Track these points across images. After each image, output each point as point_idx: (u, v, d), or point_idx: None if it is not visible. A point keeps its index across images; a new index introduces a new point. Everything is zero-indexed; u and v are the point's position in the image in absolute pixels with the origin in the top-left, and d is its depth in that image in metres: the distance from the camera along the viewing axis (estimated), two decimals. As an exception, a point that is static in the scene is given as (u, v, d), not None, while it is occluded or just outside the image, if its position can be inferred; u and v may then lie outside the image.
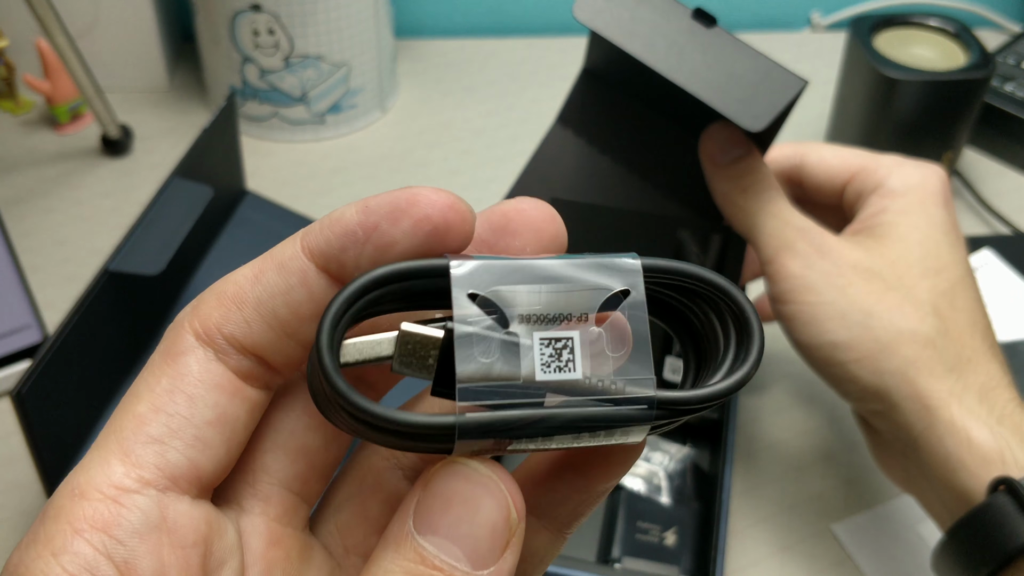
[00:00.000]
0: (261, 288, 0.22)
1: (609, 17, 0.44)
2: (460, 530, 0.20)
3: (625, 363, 0.20)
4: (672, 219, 0.53)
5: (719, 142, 0.48)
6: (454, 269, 0.20)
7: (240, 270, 0.23)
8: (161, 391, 0.21)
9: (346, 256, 0.21)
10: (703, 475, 0.54)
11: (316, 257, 0.22)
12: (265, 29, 0.76)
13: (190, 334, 0.22)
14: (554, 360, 0.20)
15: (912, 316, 0.43)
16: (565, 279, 0.20)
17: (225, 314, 0.22)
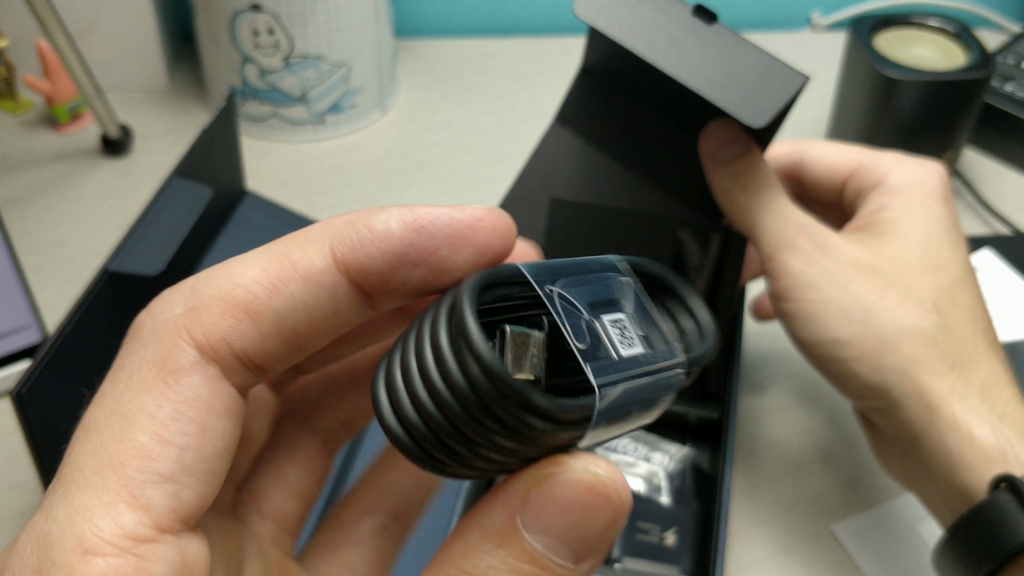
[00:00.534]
0: (281, 301, 0.19)
1: (609, 14, 0.44)
2: (574, 533, 0.19)
3: (651, 335, 0.22)
4: (672, 218, 0.53)
5: (719, 139, 0.48)
6: (527, 271, 0.20)
7: (243, 269, 0.20)
8: (166, 418, 0.18)
9: (394, 276, 0.20)
10: (703, 475, 0.54)
11: (352, 272, 0.20)
12: (265, 29, 0.76)
13: (191, 346, 0.19)
14: (622, 338, 0.21)
15: (913, 313, 0.43)
16: (586, 269, 0.21)
17: (236, 327, 0.19)
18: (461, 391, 0.18)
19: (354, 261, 0.20)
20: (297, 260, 0.20)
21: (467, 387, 0.18)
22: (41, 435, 0.47)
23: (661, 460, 0.54)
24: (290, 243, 0.20)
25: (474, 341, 0.18)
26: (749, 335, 0.63)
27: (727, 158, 0.47)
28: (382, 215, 0.20)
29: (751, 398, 0.60)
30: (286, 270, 0.20)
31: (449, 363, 0.18)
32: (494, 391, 0.18)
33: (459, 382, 0.18)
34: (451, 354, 0.18)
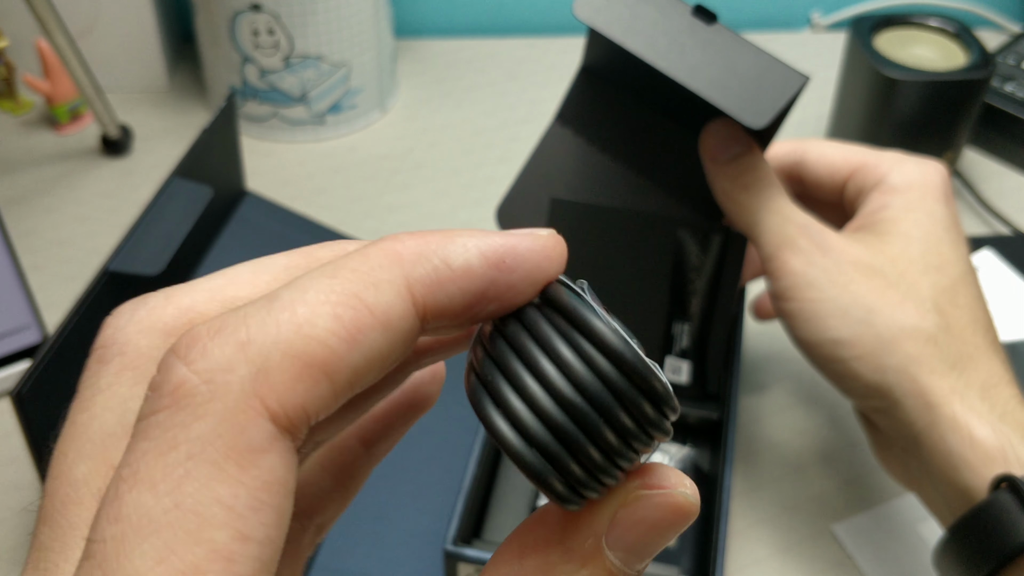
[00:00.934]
0: (360, 355, 0.17)
1: (609, 15, 0.44)
2: (653, 548, 0.19)
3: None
4: (672, 219, 0.53)
5: (720, 139, 0.48)
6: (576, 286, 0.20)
7: (311, 316, 0.17)
8: (244, 510, 0.15)
9: (465, 313, 0.18)
10: (703, 475, 0.54)
11: (428, 318, 0.18)
12: (265, 29, 0.76)
13: (266, 419, 0.16)
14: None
15: (914, 313, 0.43)
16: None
17: (313, 389, 0.16)
18: (609, 377, 0.18)
19: (434, 303, 0.18)
20: (374, 305, 0.17)
21: (615, 372, 0.18)
22: (41, 435, 0.47)
23: (661, 460, 0.54)
24: (357, 281, 0.17)
25: (604, 330, 0.18)
26: (749, 335, 0.63)
27: (727, 158, 0.47)
28: (459, 247, 0.18)
29: (751, 398, 0.60)
30: (363, 317, 0.17)
31: (591, 357, 0.18)
32: (637, 376, 0.18)
33: (606, 368, 0.18)
34: (586, 347, 0.18)
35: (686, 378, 0.54)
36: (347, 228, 0.71)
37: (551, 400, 0.18)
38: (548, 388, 0.18)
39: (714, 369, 0.54)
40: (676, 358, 0.54)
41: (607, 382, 0.18)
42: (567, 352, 0.18)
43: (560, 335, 0.18)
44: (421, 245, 0.18)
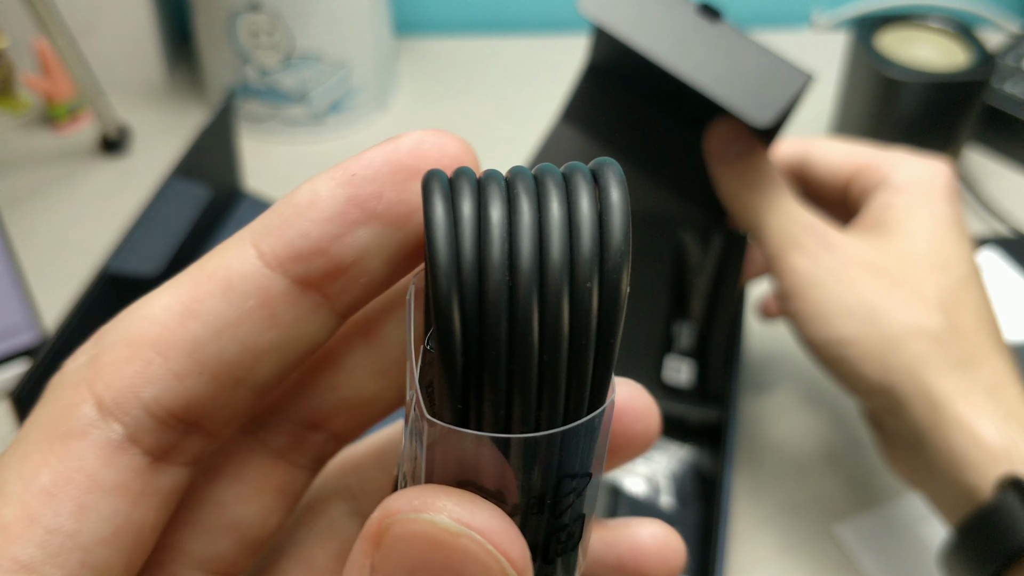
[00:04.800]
0: (199, 324, 0.15)
1: (614, 12, 0.44)
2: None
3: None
4: (673, 219, 0.52)
5: (724, 137, 0.47)
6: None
7: (154, 298, 0.16)
8: (40, 490, 0.15)
9: (344, 249, 0.16)
10: (704, 476, 0.54)
11: (285, 264, 0.16)
12: (265, 29, 0.75)
13: (90, 403, 0.15)
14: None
15: (919, 312, 0.43)
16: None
17: (143, 370, 0.15)
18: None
19: (285, 248, 0.16)
20: (213, 269, 0.16)
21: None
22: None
23: (662, 460, 0.54)
24: (207, 256, 0.16)
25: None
26: (750, 336, 0.62)
27: (732, 157, 0.47)
28: (306, 184, 0.16)
29: (752, 399, 0.60)
30: (199, 284, 0.16)
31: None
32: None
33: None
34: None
35: (687, 378, 0.54)
36: (347, 228, 0.71)
37: (528, 220, 0.14)
38: (538, 205, 0.15)
39: (715, 369, 0.53)
40: (677, 358, 0.54)
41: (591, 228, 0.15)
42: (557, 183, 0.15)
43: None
44: (276, 203, 0.17)
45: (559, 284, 0.14)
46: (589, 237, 0.14)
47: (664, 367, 0.54)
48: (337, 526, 0.20)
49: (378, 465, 0.21)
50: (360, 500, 0.21)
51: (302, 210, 0.16)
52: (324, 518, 0.20)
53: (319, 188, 0.16)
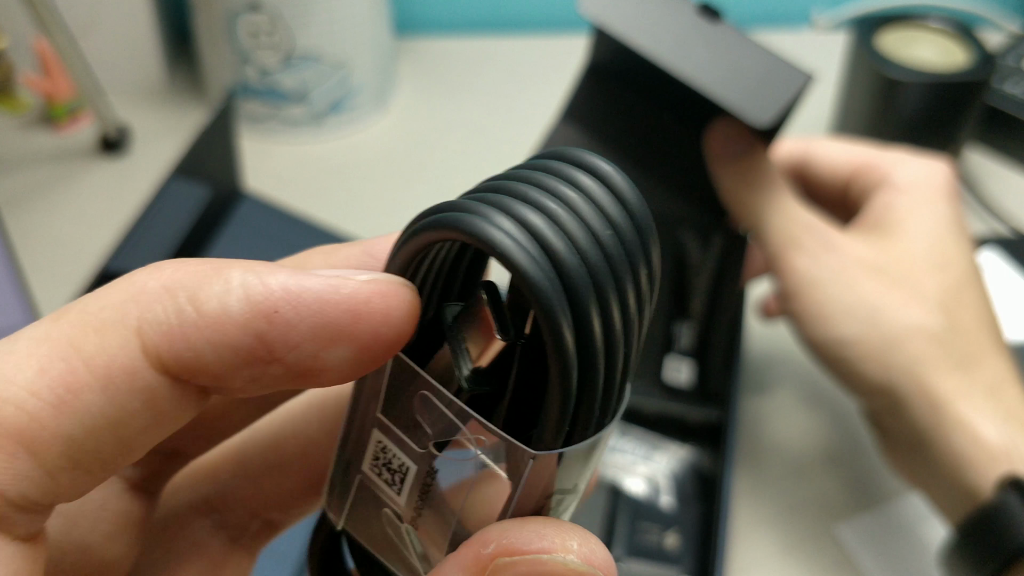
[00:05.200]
0: (74, 421, 0.13)
1: (614, 12, 0.44)
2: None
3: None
4: (673, 219, 0.52)
5: (725, 137, 0.47)
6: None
7: (12, 369, 0.13)
8: None
9: (234, 376, 0.14)
10: (704, 476, 0.54)
11: (171, 369, 0.14)
12: (265, 29, 0.75)
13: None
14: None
15: (919, 312, 0.43)
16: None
17: (9, 465, 0.13)
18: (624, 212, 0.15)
19: (174, 356, 0.14)
20: (91, 355, 0.14)
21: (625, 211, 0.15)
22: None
23: (662, 460, 0.54)
24: (81, 324, 0.14)
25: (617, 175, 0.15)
26: (751, 336, 0.62)
27: (732, 156, 0.47)
28: (219, 284, 0.14)
29: (753, 399, 0.60)
30: (76, 372, 0.13)
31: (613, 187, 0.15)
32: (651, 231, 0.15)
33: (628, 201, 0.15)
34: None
35: (687, 378, 0.54)
36: (347, 229, 0.71)
37: (578, 222, 0.14)
38: (572, 209, 0.14)
39: (715, 369, 0.53)
40: (677, 358, 0.54)
41: (629, 218, 0.15)
42: (586, 179, 0.15)
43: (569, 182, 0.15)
44: (175, 277, 0.14)
45: (627, 288, 0.15)
46: (636, 234, 0.15)
47: (664, 367, 0.54)
48: (202, 543, 0.19)
49: (238, 473, 0.20)
50: (223, 512, 0.19)
51: (205, 323, 0.14)
52: (185, 537, 0.19)
53: (233, 302, 0.14)
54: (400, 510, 0.17)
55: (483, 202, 0.14)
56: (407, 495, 0.17)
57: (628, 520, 0.51)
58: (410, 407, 0.16)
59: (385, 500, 0.18)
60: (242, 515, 0.20)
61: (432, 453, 0.16)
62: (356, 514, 0.18)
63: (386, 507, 0.18)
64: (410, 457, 0.17)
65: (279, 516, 0.20)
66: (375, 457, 0.17)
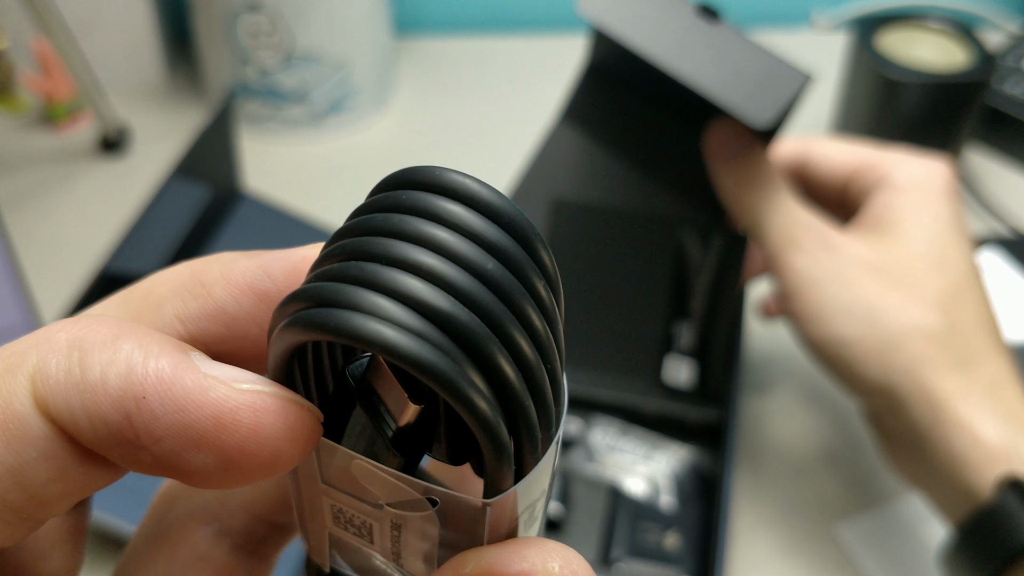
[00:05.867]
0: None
1: (614, 13, 0.44)
2: None
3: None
4: (673, 220, 0.52)
5: (724, 138, 0.47)
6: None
7: None
8: None
9: (111, 452, 0.14)
10: (704, 476, 0.54)
11: (59, 425, 0.14)
12: (265, 29, 0.75)
13: None
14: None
15: (918, 312, 0.43)
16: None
17: None
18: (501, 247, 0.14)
19: (56, 412, 0.13)
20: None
21: (504, 239, 0.13)
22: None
23: (662, 460, 0.54)
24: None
25: (487, 193, 0.14)
26: (751, 336, 0.62)
27: (731, 156, 0.47)
28: (108, 353, 0.14)
29: (753, 399, 0.60)
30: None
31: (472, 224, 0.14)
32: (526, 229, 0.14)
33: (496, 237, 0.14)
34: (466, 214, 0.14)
35: (687, 378, 0.54)
36: (347, 228, 0.71)
37: (455, 268, 0.13)
38: (445, 253, 0.13)
39: (715, 369, 0.53)
40: (677, 358, 0.54)
41: (507, 235, 0.14)
42: (449, 207, 0.14)
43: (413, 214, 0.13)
44: (79, 334, 0.14)
45: (528, 312, 0.14)
46: (510, 243, 0.14)
47: (664, 367, 0.54)
48: (206, 553, 0.19)
49: None
50: (224, 519, 0.19)
51: (84, 387, 0.13)
52: (187, 546, 0.19)
53: (110, 379, 0.13)
54: (379, 552, 0.17)
55: (344, 281, 0.13)
56: (380, 542, 0.16)
57: (628, 520, 0.51)
58: (350, 476, 0.15)
59: (362, 547, 0.17)
60: (245, 520, 0.19)
61: (387, 511, 0.16)
62: (341, 556, 0.18)
63: (364, 549, 0.17)
64: (369, 516, 0.16)
65: (285, 518, 0.20)
66: (335, 517, 0.17)
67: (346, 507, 0.16)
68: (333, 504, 0.16)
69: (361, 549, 0.17)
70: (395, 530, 0.16)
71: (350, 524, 0.16)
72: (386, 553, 0.17)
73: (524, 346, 0.13)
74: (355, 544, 0.17)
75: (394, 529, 0.16)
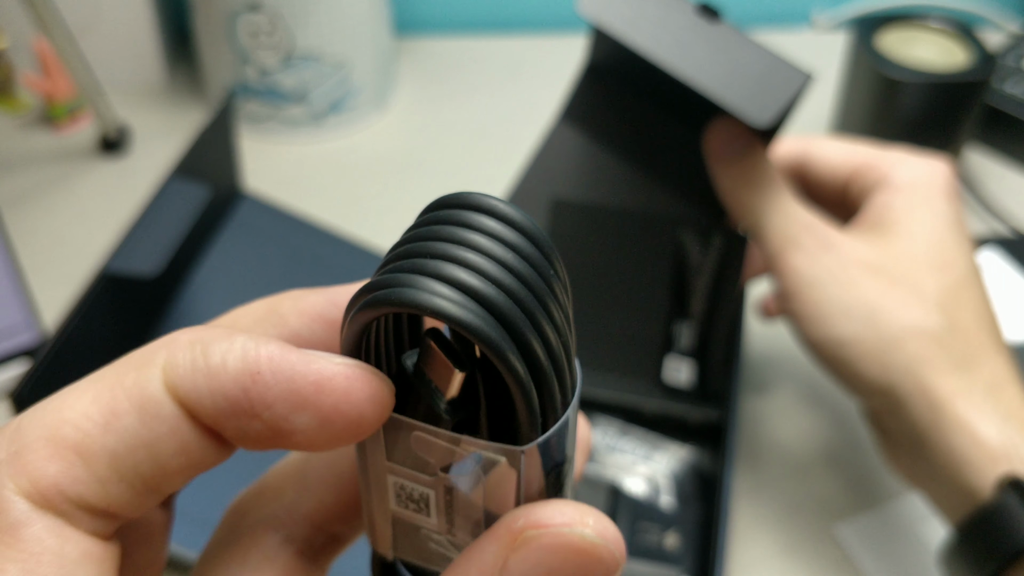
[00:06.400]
0: (116, 438, 0.17)
1: (613, 12, 0.44)
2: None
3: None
4: (673, 219, 0.52)
5: (724, 137, 0.47)
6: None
7: (72, 400, 0.17)
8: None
9: (227, 424, 0.17)
10: (704, 476, 0.54)
11: (186, 406, 0.17)
12: (265, 29, 0.75)
13: (20, 497, 0.16)
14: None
15: (918, 311, 0.43)
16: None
17: (67, 470, 0.16)
18: (529, 245, 0.17)
19: (184, 394, 0.17)
20: (130, 387, 0.17)
21: (529, 244, 0.17)
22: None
23: (662, 460, 0.54)
24: (127, 364, 0.17)
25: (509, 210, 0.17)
26: (751, 336, 0.62)
27: (731, 156, 0.47)
28: (225, 344, 0.17)
29: (753, 399, 0.60)
30: (117, 400, 0.17)
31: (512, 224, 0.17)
32: (550, 249, 0.18)
33: (528, 235, 0.17)
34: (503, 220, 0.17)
35: (687, 378, 0.54)
36: (346, 229, 0.71)
37: (497, 266, 0.17)
38: (489, 256, 0.17)
39: (715, 369, 0.53)
40: (677, 358, 0.54)
41: (534, 247, 0.17)
42: (490, 223, 0.17)
43: (466, 226, 0.17)
44: (198, 335, 0.17)
45: (550, 305, 0.18)
46: (542, 258, 0.18)
47: (664, 367, 0.54)
48: (273, 556, 0.21)
49: (300, 489, 0.22)
50: (290, 527, 0.22)
51: (208, 371, 0.17)
52: (257, 551, 0.21)
53: (230, 360, 0.17)
54: (434, 527, 0.20)
55: (411, 271, 0.17)
56: (435, 515, 0.20)
57: (628, 520, 0.51)
58: (409, 448, 0.19)
59: (420, 524, 0.20)
60: (307, 529, 0.22)
61: (441, 477, 0.19)
62: (401, 542, 0.21)
63: (422, 528, 0.20)
64: (426, 486, 0.19)
65: (341, 529, 0.22)
66: (397, 495, 0.20)
67: (406, 483, 0.19)
68: (396, 481, 0.20)
69: (418, 532, 0.20)
70: (448, 495, 0.19)
71: (410, 500, 0.20)
72: (440, 526, 0.20)
73: (546, 326, 0.17)
74: (414, 522, 0.20)
75: (447, 494, 0.19)
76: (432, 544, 0.21)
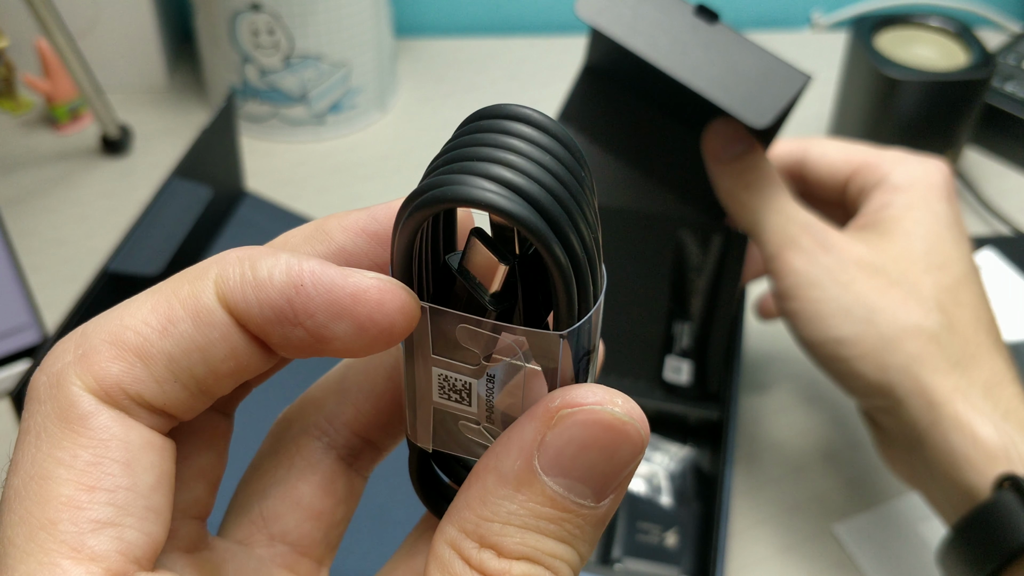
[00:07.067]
0: (172, 343, 0.19)
1: (611, 14, 0.44)
2: (594, 472, 0.19)
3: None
4: (673, 219, 0.53)
5: (722, 138, 0.48)
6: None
7: (133, 309, 0.19)
8: (85, 465, 0.18)
9: (272, 331, 0.19)
10: (704, 475, 0.54)
11: (236, 315, 0.19)
12: (265, 29, 0.75)
13: (86, 392, 0.18)
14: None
15: (916, 311, 0.43)
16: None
17: (129, 371, 0.18)
18: (563, 149, 0.19)
19: (237, 306, 0.19)
20: (185, 297, 0.19)
21: (563, 148, 0.19)
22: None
23: (662, 460, 0.54)
24: (181, 278, 0.19)
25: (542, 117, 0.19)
26: (750, 335, 0.63)
27: (730, 157, 0.47)
28: (271, 260, 0.19)
29: (752, 398, 0.60)
30: (174, 308, 0.19)
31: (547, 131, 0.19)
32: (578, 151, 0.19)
33: (560, 141, 0.19)
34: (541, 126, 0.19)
35: (687, 378, 0.54)
36: (347, 228, 0.71)
37: (537, 166, 0.18)
38: (529, 158, 0.18)
39: (715, 369, 0.53)
40: (677, 358, 0.54)
41: (567, 151, 0.19)
42: (527, 130, 0.19)
43: (506, 132, 0.19)
44: (248, 251, 0.19)
45: (585, 205, 0.19)
46: (574, 161, 0.19)
47: (664, 367, 0.54)
48: (315, 461, 0.23)
49: (340, 400, 0.24)
50: (331, 435, 0.24)
51: (256, 283, 0.19)
52: (301, 456, 0.23)
53: (276, 273, 0.19)
54: (474, 416, 0.22)
55: (460, 172, 0.18)
56: (476, 403, 0.21)
57: (628, 520, 0.51)
58: (454, 340, 0.21)
59: (460, 414, 0.22)
60: (348, 436, 0.24)
61: (484, 366, 0.21)
62: (440, 434, 0.23)
63: (462, 419, 0.22)
64: (468, 375, 0.21)
65: (379, 437, 0.24)
66: (440, 387, 0.21)
67: (450, 374, 0.21)
68: (440, 374, 0.21)
69: (456, 423, 0.22)
70: (490, 382, 0.21)
71: (452, 391, 0.21)
72: (480, 414, 0.22)
73: (580, 222, 0.19)
74: (455, 412, 0.22)
75: (489, 381, 0.21)
76: (470, 435, 0.22)
